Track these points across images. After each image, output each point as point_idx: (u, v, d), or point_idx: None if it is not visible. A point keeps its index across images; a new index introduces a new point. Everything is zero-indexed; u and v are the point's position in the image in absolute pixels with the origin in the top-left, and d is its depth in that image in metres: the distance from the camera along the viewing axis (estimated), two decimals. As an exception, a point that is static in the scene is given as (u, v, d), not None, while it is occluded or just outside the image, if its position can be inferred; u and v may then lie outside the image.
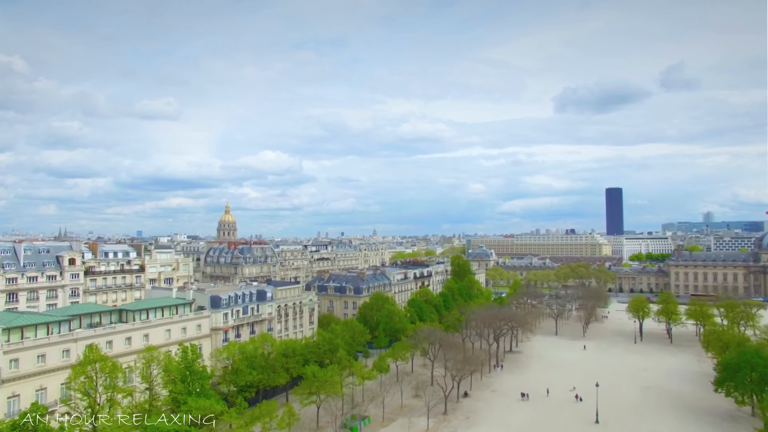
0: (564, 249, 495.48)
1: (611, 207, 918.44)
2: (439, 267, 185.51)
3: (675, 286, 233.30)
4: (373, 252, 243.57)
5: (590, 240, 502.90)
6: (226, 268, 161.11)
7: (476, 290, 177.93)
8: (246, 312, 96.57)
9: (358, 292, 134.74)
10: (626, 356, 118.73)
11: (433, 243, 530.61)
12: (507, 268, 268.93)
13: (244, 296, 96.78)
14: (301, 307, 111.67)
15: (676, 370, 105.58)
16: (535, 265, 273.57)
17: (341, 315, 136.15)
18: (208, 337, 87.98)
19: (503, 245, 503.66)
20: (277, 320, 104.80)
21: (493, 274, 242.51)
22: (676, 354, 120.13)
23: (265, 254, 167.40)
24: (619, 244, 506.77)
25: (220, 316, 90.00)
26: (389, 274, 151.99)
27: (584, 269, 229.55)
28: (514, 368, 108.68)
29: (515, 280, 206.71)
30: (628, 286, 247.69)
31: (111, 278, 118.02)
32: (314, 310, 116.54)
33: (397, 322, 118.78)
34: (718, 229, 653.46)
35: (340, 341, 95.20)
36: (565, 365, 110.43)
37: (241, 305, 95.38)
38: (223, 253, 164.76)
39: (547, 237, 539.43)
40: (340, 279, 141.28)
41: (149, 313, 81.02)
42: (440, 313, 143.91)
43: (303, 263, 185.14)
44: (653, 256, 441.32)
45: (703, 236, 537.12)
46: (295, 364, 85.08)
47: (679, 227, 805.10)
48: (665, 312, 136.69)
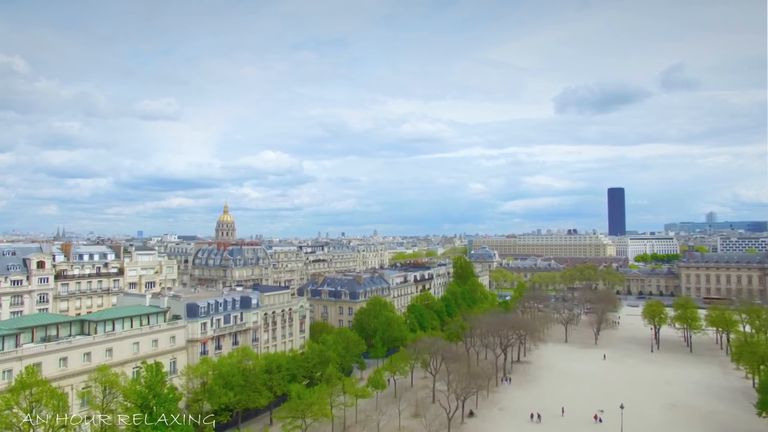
0: (567, 249, 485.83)
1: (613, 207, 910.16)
2: (440, 269, 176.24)
3: (686, 288, 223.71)
4: (372, 253, 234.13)
5: (594, 240, 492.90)
6: (215, 271, 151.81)
7: (480, 294, 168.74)
8: (228, 321, 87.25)
9: (355, 296, 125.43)
10: (644, 367, 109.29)
11: (435, 243, 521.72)
12: (511, 270, 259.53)
13: (225, 303, 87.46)
14: (290, 315, 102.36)
15: (702, 384, 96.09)
16: (539, 267, 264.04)
17: (336, 321, 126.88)
18: (183, 350, 78.72)
19: (505, 246, 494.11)
20: (264, 329, 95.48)
21: (496, 276, 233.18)
22: (699, 365, 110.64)
23: (256, 256, 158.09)
24: (624, 245, 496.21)
25: (198, 326, 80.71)
26: (388, 277, 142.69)
27: (592, 271, 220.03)
28: (523, 382, 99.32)
29: (520, 282, 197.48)
30: (637, 288, 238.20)
31: (86, 282, 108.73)
32: (305, 317, 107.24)
33: (395, 330, 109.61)
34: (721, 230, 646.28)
35: (332, 353, 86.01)
36: (578, 377, 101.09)
37: (222, 313, 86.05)
38: (212, 254, 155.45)
39: (550, 237, 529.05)
40: (335, 283, 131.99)
41: (115, 324, 71.75)
42: (442, 319, 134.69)
43: (297, 265, 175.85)
44: (659, 257, 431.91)
45: (707, 237, 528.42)
46: (281, 380, 75.88)
47: (681, 227, 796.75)
48: (683, 318, 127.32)
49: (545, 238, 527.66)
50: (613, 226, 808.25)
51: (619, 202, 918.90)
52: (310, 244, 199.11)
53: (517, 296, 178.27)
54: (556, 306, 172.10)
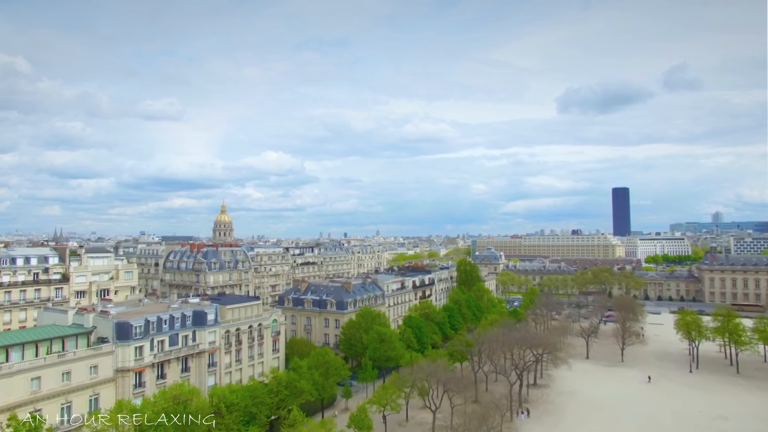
0: (574, 250, 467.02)
1: (618, 207, 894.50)
2: (442, 273, 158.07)
3: (710, 293, 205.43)
4: (369, 255, 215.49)
5: (602, 241, 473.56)
6: (187, 276, 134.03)
7: (486, 300, 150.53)
8: (175, 342, 69.33)
9: (342, 307, 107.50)
10: (687, 393, 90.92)
11: (437, 244, 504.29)
12: (518, 272, 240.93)
13: (172, 320, 69.54)
14: (260, 331, 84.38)
15: (766, 418, 77.86)
16: (549, 269, 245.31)
17: (321, 336, 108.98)
18: (110, 382, 60.85)
19: (510, 246, 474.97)
20: (225, 351, 77.51)
21: (503, 280, 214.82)
22: (753, 391, 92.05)
23: (235, 258, 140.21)
24: (633, 246, 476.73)
25: (131, 350, 62.80)
26: (383, 283, 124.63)
27: (608, 274, 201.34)
28: (543, 414, 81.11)
29: (531, 288, 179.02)
30: (655, 293, 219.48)
31: (18, 291, 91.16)
32: (281, 333, 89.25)
33: (389, 349, 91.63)
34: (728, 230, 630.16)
35: (304, 384, 68.23)
36: (610, 408, 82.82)
37: (166, 333, 68.13)
38: (183, 257, 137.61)
39: (556, 238, 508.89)
40: (320, 290, 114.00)
41: (9, 352, 54.00)
42: (445, 332, 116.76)
43: (283, 269, 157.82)
44: (670, 258, 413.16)
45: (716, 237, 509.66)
46: (235, 424, 58.02)
47: (687, 228, 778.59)
48: (725, 330, 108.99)
49: (551, 239, 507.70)
50: (618, 226, 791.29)
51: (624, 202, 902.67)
52: (299, 245, 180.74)
53: (528, 303, 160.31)
54: (571, 314, 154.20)
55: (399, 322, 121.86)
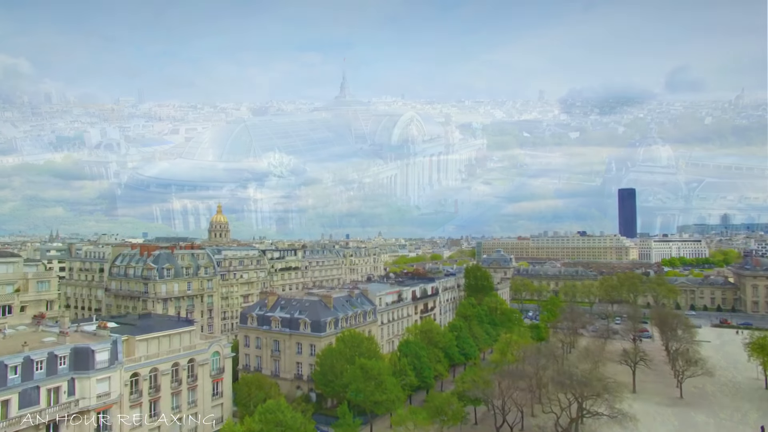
0: (583, 252, 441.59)
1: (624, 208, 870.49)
2: (448, 281, 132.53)
3: (752, 302, 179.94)
4: (363, 258, 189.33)
5: (614, 242, 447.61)
6: (135, 284, 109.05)
7: (500, 313, 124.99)
8: (31, 401, 44.15)
9: (319, 328, 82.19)
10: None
11: (440, 246, 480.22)
12: (531, 277, 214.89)
13: (30, 364, 44.35)
14: (192, 370, 59.17)
15: None
16: (565, 274, 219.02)
17: (292, 365, 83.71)
18: None
19: (517, 248, 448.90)
20: (132, 403, 52.27)
21: (517, 286, 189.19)
22: None
23: (196, 264, 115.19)
24: (647, 247, 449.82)
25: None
26: (374, 295, 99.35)
27: (638, 281, 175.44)
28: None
29: (552, 298, 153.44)
30: (686, 301, 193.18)
31: None
32: (224, 371, 63.99)
33: (376, 390, 66.17)
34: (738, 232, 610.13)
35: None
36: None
37: (17, 387, 42.96)
38: (132, 261, 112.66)
39: (565, 239, 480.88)
40: (292, 305, 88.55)
41: None
42: (452, 358, 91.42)
43: (258, 275, 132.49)
44: (687, 261, 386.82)
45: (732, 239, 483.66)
46: None
47: (695, 229, 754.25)
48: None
49: (560, 240, 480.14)
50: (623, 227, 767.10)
51: (631, 203, 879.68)
52: (279, 248, 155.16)
53: (549, 316, 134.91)
54: (600, 330, 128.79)
55: (395, 344, 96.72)
